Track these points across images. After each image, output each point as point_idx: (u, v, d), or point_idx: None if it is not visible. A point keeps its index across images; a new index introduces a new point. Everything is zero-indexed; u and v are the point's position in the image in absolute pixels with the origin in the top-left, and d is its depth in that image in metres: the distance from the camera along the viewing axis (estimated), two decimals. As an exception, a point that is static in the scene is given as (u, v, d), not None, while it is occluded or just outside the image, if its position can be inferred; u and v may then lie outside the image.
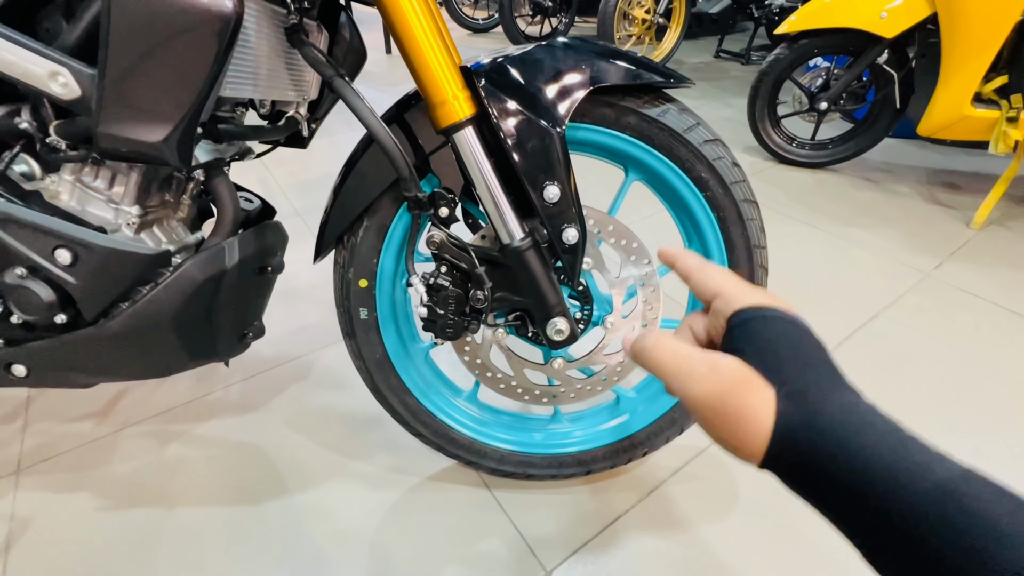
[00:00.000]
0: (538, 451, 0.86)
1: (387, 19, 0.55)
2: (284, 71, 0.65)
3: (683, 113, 0.66)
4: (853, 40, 1.79)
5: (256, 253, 0.70)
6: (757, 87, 2.04)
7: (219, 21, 0.48)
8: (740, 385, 0.27)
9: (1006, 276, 1.45)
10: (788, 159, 2.12)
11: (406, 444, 0.95)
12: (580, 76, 0.60)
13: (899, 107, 1.87)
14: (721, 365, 0.28)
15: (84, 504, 0.86)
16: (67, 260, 0.58)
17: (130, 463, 0.93)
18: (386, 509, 0.86)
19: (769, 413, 0.26)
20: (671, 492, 0.89)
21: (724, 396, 0.27)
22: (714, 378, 0.28)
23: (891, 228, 1.68)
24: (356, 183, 0.67)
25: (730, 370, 0.28)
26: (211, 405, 1.04)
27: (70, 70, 0.49)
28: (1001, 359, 1.17)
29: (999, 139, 1.56)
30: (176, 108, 0.50)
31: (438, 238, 0.63)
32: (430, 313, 0.66)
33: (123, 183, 0.63)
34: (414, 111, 0.64)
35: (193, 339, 0.69)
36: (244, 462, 0.93)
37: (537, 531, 0.84)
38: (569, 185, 0.60)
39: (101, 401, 1.04)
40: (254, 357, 1.14)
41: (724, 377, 0.28)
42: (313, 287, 1.37)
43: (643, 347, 0.32)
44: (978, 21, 1.49)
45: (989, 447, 0.97)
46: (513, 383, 0.77)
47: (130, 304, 0.63)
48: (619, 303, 0.72)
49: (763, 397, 0.27)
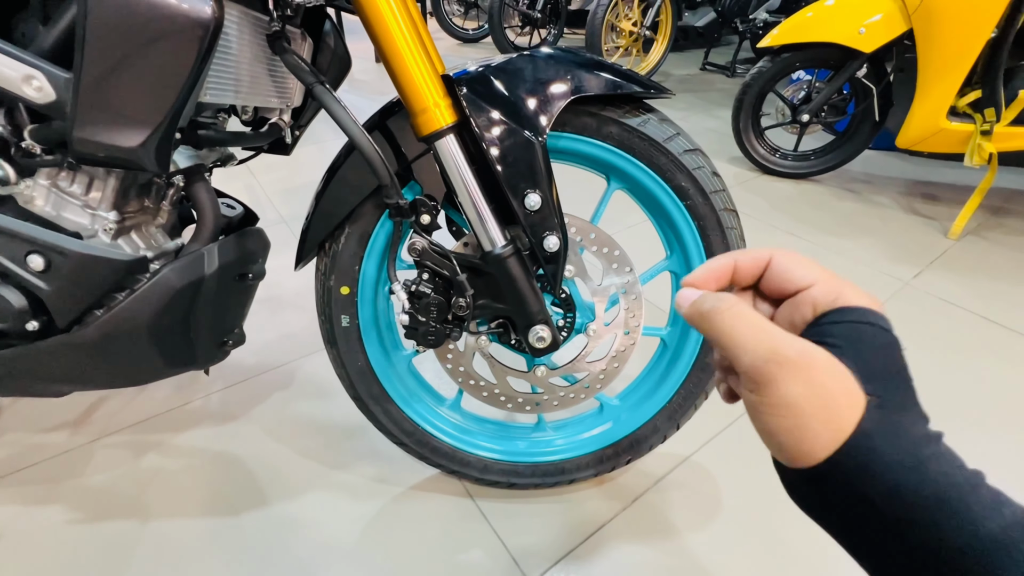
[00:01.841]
0: (522, 460, 0.85)
1: (367, 26, 0.55)
2: (266, 78, 0.65)
3: (663, 123, 0.67)
4: (833, 54, 1.84)
5: (236, 260, 0.69)
6: (741, 99, 2.08)
7: (198, 27, 0.48)
8: (834, 382, 0.25)
9: (982, 285, 1.48)
10: (772, 170, 2.15)
11: (389, 453, 0.94)
12: (562, 86, 0.60)
13: (878, 120, 1.92)
14: (815, 354, 0.26)
15: (56, 517, 0.84)
16: (40, 266, 0.57)
17: (104, 474, 0.90)
18: (368, 520, 0.85)
19: (852, 420, 0.25)
20: (655, 500, 0.89)
21: (812, 390, 0.25)
22: (804, 367, 0.25)
23: (871, 238, 1.71)
24: (338, 190, 0.67)
25: (825, 362, 0.26)
26: (190, 414, 1.02)
27: (44, 74, 0.48)
28: (978, 366, 1.19)
29: (974, 151, 1.60)
30: (153, 113, 0.50)
31: (420, 245, 0.63)
32: (412, 320, 0.65)
33: (100, 188, 0.62)
34: (396, 119, 0.65)
35: (171, 347, 0.68)
36: (223, 473, 0.92)
37: (520, 541, 0.83)
38: (550, 193, 0.61)
39: (76, 410, 1.01)
40: (236, 366, 1.13)
41: (818, 368, 0.25)
42: (297, 295, 1.36)
43: (715, 309, 0.29)
44: (952, 37, 1.54)
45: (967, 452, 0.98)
46: (496, 391, 0.77)
47: (105, 311, 0.62)
48: (601, 311, 0.72)
49: (853, 403, 0.25)
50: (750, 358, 0.27)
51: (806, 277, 0.30)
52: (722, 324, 0.28)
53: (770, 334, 0.27)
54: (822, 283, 0.29)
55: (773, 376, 0.26)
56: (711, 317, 0.29)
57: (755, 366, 0.27)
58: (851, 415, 0.25)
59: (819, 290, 0.29)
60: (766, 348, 0.26)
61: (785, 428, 0.26)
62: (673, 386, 0.80)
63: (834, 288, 0.29)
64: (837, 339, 0.27)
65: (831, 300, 0.28)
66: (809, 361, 0.26)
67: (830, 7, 1.79)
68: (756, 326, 0.28)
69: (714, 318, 0.29)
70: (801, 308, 0.30)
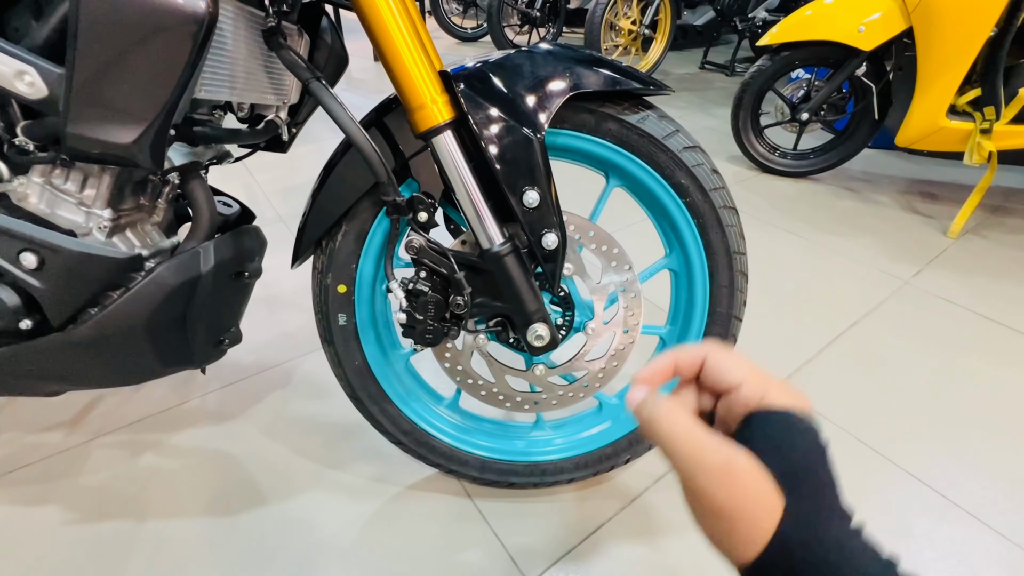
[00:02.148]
0: (520, 459, 0.85)
1: (364, 22, 0.55)
2: (262, 74, 0.65)
3: (662, 120, 0.67)
4: (832, 53, 1.83)
5: (232, 258, 0.68)
6: (740, 98, 2.07)
7: (192, 22, 0.47)
8: (753, 491, 0.27)
9: (982, 284, 1.48)
10: (771, 168, 2.15)
11: (387, 453, 0.94)
12: (560, 82, 0.60)
13: (877, 118, 1.92)
14: (737, 463, 0.28)
15: (51, 517, 0.83)
16: (33, 264, 0.56)
17: (101, 474, 0.90)
18: (366, 519, 0.85)
19: (772, 523, 0.27)
20: (654, 500, 0.89)
21: (733, 500, 0.27)
22: (727, 477, 0.28)
23: (871, 236, 1.71)
24: (335, 187, 0.66)
25: (745, 470, 0.28)
26: (187, 414, 1.01)
27: (37, 69, 0.48)
28: (977, 364, 1.19)
29: (973, 150, 1.60)
30: (147, 109, 0.49)
31: (417, 243, 0.63)
32: (409, 319, 0.65)
33: (95, 186, 0.61)
34: (394, 115, 0.64)
35: (166, 346, 0.68)
36: (220, 472, 0.91)
37: (519, 540, 0.83)
38: (549, 190, 0.60)
39: (72, 410, 1.01)
40: (233, 365, 1.12)
41: (739, 479, 0.28)
42: (295, 293, 1.35)
43: (651, 415, 0.31)
44: (951, 36, 1.53)
45: (965, 449, 0.98)
46: (495, 390, 0.77)
47: (100, 310, 0.61)
48: (600, 309, 0.72)
49: (771, 507, 0.27)
50: (683, 467, 0.29)
51: (735, 377, 0.32)
52: (659, 432, 0.31)
53: (699, 444, 0.29)
54: (749, 383, 0.31)
55: (703, 487, 0.28)
56: (650, 425, 0.31)
57: (686, 474, 0.29)
58: (770, 519, 0.27)
59: (747, 390, 0.31)
60: (696, 457, 0.29)
61: (717, 532, 0.28)
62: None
63: (760, 388, 0.31)
64: (758, 441, 0.29)
65: (758, 399, 0.31)
66: (732, 470, 0.28)
67: (829, 5, 1.78)
68: (687, 435, 0.30)
69: (652, 426, 0.31)
70: (734, 407, 0.32)
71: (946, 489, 0.92)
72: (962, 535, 0.85)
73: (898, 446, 0.99)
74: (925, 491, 0.91)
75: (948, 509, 0.89)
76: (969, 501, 0.90)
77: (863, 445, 0.99)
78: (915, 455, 0.97)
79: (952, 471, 0.95)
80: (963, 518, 0.87)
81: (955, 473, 0.94)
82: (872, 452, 0.98)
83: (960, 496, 0.90)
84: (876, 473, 0.94)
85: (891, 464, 0.95)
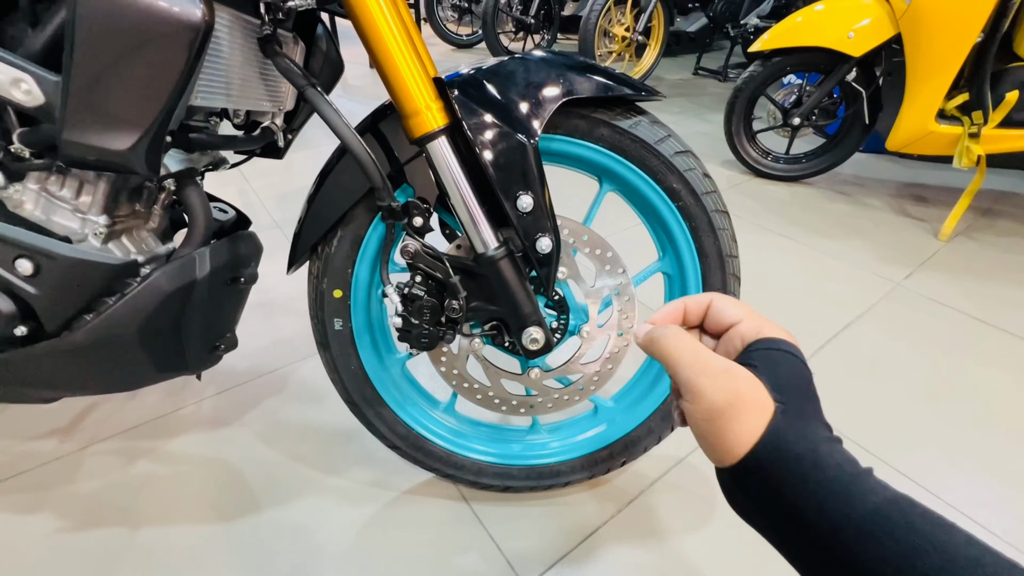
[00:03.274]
0: (516, 463, 0.85)
1: (358, 29, 0.55)
2: (258, 81, 0.65)
3: (654, 125, 0.67)
4: (823, 58, 1.86)
5: (228, 263, 0.69)
6: (733, 103, 2.09)
7: (188, 31, 0.48)
8: (749, 390, 0.31)
9: (973, 286, 1.50)
10: (764, 172, 2.17)
11: (383, 457, 0.94)
12: (553, 88, 0.60)
13: (868, 123, 1.94)
14: (736, 369, 0.32)
15: (45, 526, 0.83)
16: (28, 270, 0.56)
17: (95, 482, 0.89)
18: (362, 525, 0.85)
19: (764, 422, 0.30)
20: (650, 502, 0.89)
21: (732, 395, 0.31)
22: (727, 378, 0.32)
23: (863, 239, 1.73)
24: (330, 193, 0.67)
25: (744, 375, 0.32)
26: (182, 420, 1.01)
27: (33, 77, 0.48)
28: (968, 365, 1.20)
29: (962, 154, 1.62)
30: (143, 116, 0.50)
31: (412, 248, 0.63)
32: (405, 323, 0.65)
33: (91, 192, 0.62)
34: (388, 121, 0.65)
35: (161, 351, 0.68)
36: (215, 479, 0.91)
37: (515, 544, 0.83)
38: (543, 195, 0.61)
39: (67, 416, 1.00)
40: (229, 370, 1.12)
41: (738, 379, 0.31)
42: (291, 299, 1.35)
43: (660, 335, 0.36)
44: (939, 41, 1.56)
45: (958, 450, 0.99)
46: (490, 393, 0.77)
47: (95, 316, 0.61)
48: (595, 312, 0.72)
49: (764, 407, 0.31)
50: (686, 372, 0.33)
51: (735, 315, 0.37)
52: (665, 346, 0.35)
53: (702, 353, 0.34)
54: (747, 320, 0.36)
55: (703, 386, 0.32)
56: (658, 341, 0.36)
57: (689, 378, 0.33)
58: (763, 417, 0.30)
59: (745, 325, 0.36)
60: (699, 364, 0.33)
61: (712, 431, 0.31)
62: (668, 387, 0.80)
63: (756, 324, 0.36)
64: (755, 360, 0.33)
65: (754, 333, 0.35)
66: (731, 374, 0.32)
67: (819, 12, 1.81)
68: (692, 348, 0.34)
69: (659, 342, 0.36)
70: (733, 340, 0.37)
71: (940, 490, 0.92)
72: (955, 535, 0.85)
73: (892, 448, 0.99)
74: (920, 492, 0.92)
75: (943, 511, 0.89)
76: (963, 502, 0.90)
77: (857, 447, 1.00)
78: (909, 456, 0.98)
79: (946, 472, 0.95)
80: (958, 519, 0.87)
81: (949, 474, 0.95)
82: (866, 453, 0.98)
83: (954, 497, 0.91)
84: (870, 474, 0.95)
85: (886, 466, 0.96)
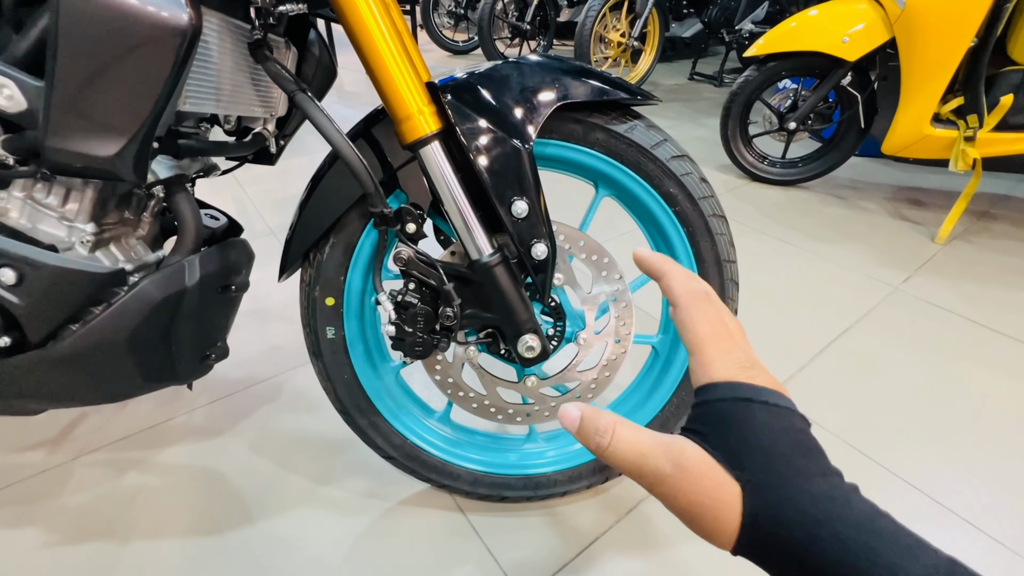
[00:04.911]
0: (513, 472, 0.84)
1: (350, 34, 0.54)
2: (249, 87, 0.64)
3: (650, 129, 0.67)
4: (818, 63, 1.86)
5: (218, 271, 0.67)
6: (729, 107, 2.10)
7: (175, 35, 0.47)
8: (706, 481, 0.27)
9: (970, 289, 1.49)
10: (760, 177, 2.17)
11: (377, 467, 0.92)
12: (548, 92, 0.60)
13: (864, 127, 1.94)
14: (685, 461, 0.28)
15: (33, 540, 0.81)
16: (11, 280, 0.55)
17: (84, 494, 0.88)
18: (356, 536, 0.83)
19: (736, 507, 0.26)
20: (649, 511, 0.88)
21: (691, 495, 0.27)
22: (680, 477, 0.28)
23: (860, 243, 1.72)
24: (322, 199, 0.66)
25: (695, 464, 0.27)
26: (174, 430, 0.99)
27: (15, 82, 0.47)
28: (966, 369, 1.20)
29: (958, 157, 1.62)
30: (129, 122, 0.49)
31: (406, 254, 0.62)
32: (398, 331, 0.64)
33: (78, 200, 0.60)
34: (381, 127, 0.64)
35: (150, 361, 0.66)
36: (207, 490, 0.89)
37: (513, 556, 0.81)
38: (538, 201, 0.60)
39: (55, 428, 0.99)
40: (221, 380, 1.10)
41: (690, 476, 0.27)
42: (284, 307, 1.34)
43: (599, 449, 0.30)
44: (933, 46, 1.56)
45: (958, 454, 0.98)
46: (486, 402, 0.76)
47: (81, 325, 0.60)
48: (591, 319, 0.71)
49: (730, 492, 0.27)
50: (643, 484, 0.29)
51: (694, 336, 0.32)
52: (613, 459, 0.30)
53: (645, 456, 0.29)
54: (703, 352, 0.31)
55: (664, 496, 0.28)
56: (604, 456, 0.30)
57: (649, 490, 0.29)
58: (734, 504, 0.26)
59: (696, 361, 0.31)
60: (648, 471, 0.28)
61: (696, 531, 0.28)
62: (666, 394, 0.79)
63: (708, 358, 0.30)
64: (701, 423, 0.29)
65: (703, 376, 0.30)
66: (682, 473, 0.28)
67: (814, 17, 1.81)
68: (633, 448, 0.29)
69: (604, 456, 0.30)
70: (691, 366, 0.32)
71: (940, 495, 0.91)
72: (957, 541, 0.84)
73: (892, 452, 0.98)
74: (919, 497, 0.91)
75: (943, 515, 0.88)
76: (964, 507, 0.89)
77: (856, 452, 0.99)
78: (909, 461, 0.97)
79: (946, 477, 0.94)
80: (958, 524, 0.87)
81: (949, 479, 0.94)
82: (865, 459, 0.97)
83: (954, 502, 0.90)
84: (870, 480, 0.94)
85: (885, 471, 0.95)
